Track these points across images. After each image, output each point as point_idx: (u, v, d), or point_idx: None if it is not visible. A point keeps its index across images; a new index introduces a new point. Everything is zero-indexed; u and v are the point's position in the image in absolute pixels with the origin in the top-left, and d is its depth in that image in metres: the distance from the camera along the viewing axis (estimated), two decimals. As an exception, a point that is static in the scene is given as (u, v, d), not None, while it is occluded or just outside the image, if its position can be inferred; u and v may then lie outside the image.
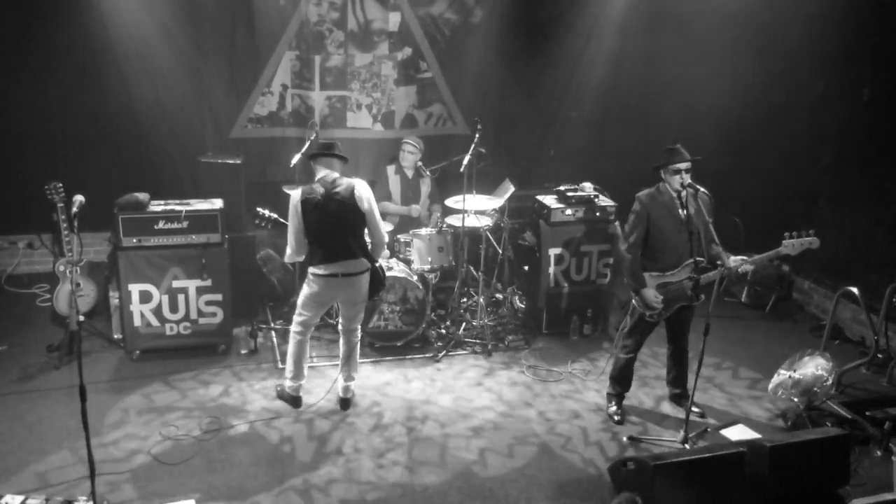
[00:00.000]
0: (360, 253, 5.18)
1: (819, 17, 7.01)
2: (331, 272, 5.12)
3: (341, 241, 5.11)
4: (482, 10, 7.85)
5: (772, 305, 7.52)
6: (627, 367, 5.50)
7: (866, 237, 6.83)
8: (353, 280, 5.18)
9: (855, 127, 6.95)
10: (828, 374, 5.43)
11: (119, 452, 4.86)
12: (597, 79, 8.16)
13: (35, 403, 5.37)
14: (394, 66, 7.77)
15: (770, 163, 7.87)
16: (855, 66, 6.87)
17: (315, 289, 5.20)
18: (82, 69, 6.88)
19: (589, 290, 6.77)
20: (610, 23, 8.01)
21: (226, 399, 5.54)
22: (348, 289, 5.21)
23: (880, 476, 4.85)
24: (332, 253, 5.10)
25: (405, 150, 7.00)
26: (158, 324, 5.98)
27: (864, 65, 6.79)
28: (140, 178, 6.61)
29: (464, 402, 5.67)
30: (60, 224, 5.82)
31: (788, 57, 7.44)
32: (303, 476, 4.72)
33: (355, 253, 5.16)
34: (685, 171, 5.03)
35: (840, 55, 6.96)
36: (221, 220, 5.98)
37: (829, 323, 6.23)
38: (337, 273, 5.12)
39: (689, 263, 5.04)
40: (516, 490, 4.68)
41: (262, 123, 7.62)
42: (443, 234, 6.55)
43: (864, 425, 5.23)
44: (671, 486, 4.16)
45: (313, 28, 7.45)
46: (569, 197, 6.66)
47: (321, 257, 5.11)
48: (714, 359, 6.42)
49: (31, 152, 6.94)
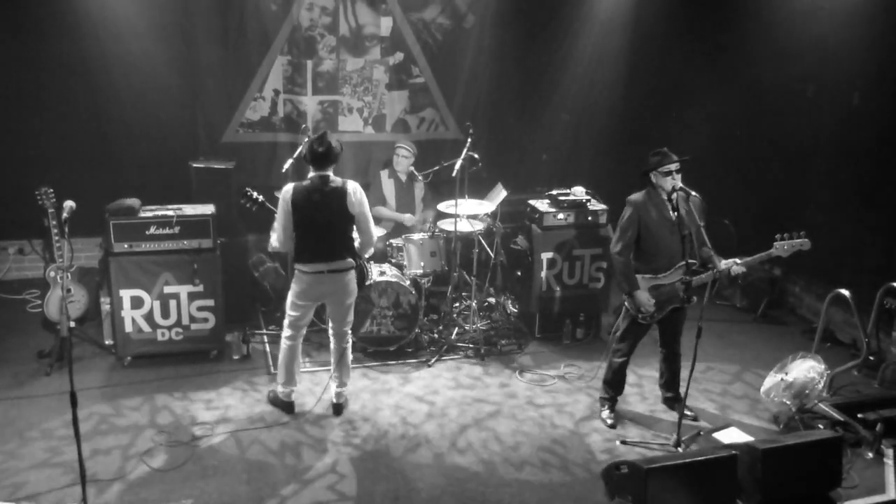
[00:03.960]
0: (346, 252, 5.19)
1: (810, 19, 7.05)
2: (316, 269, 5.12)
3: (328, 239, 5.11)
4: (474, 16, 7.87)
5: (763, 309, 7.55)
6: (620, 370, 5.50)
7: (857, 240, 6.86)
8: (338, 277, 5.18)
9: (845, 130, 6.98)
10: (819, 377, 5.44)
11: (111, 459, 4.84)
12: (588, 83, 8.21)
13: (26, 410, 5.34)
14: (385, 70, 7.78)
15: (761, 166, 7.91)
16: (845, 69, 6.90)
17: (302, 286, 5.19)
18: (73, 74, 6.86)
19: (581, 294, 6.78)
20: (600, 27, 8.04)
21: (218, 405, 5.52)
22: (334, 285, 5.20)
23: (872, 478, 4.86)
24: (319, 250, 5.10)
25: (399, 155, 7.01)
26: (150, 330, 5.96)
27: (854, 68, 6.82)
28: (131, 183, 6.58)
29: (456, 406, 5.66)
30: (51, 230, 5.79)
31: (779, 60, 7.47)
32: (295, 483, 4.70)
33: (341, 252, 5.16)
34: (676, 172, 5.06)
35: (830, 58, 6.99)
36: (213, 225, 5.97)
37: (821, 326, 6.24)
38: (322, 270, 5.12)
39: (682, 266, 5.05)
40: (509, 495, 4.67)
41: (253, 128, 7.61)
42: (435, 239, 6.55)
43: (856, 427, 5.25)
44: (664, 490, 4.16)
45: (305, 33, 7.46)
46: (561, 201, 6.67)
47: (308, 255, 5.11)
48: (706, 362, 6.44)
49: (21, 157, 6.90)
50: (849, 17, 6.77)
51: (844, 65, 6.88)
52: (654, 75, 8.08)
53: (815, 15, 7.04)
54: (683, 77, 7.92)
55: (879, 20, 6.54)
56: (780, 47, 7.40)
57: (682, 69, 7.89)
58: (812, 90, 7.31)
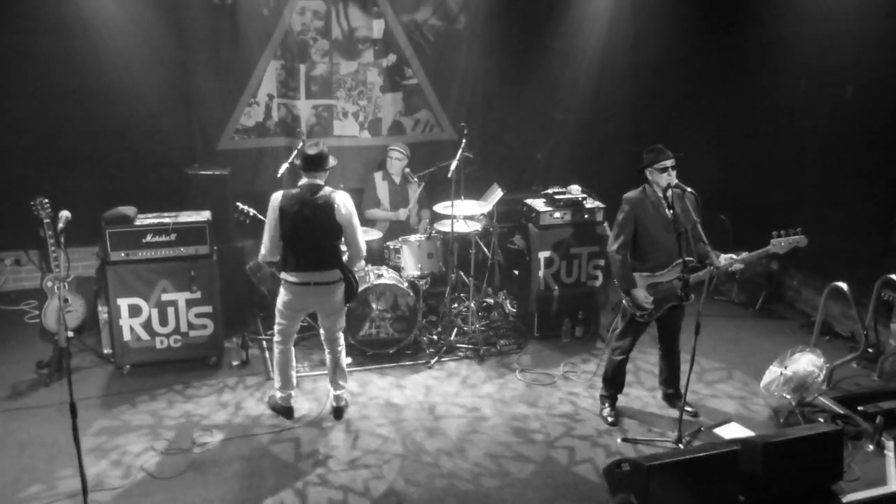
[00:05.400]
0: (333, 263, 5.14)
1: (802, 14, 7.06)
2: (302, 280, 5.09)
3: (314, 250, 5.07)
4: (466, 17, 7.87)
5: (761, 303, 7.56)
6: (620, 368, 5.50)
7: (854, 233, 6.87)
8: (325, 289, 5.15)
9: (839, 123, 6.99)
10: (819, 370, 5.44)
11: (111, 468, 4.83)
12: (582, 81, 8.21)
13: (25, 421, 5.33)
14: (379, 73, 7.77)
15: (757, 161, 7.92)
16: (838, 63, 6.91)
17: (288, 297, 5.18)
18: (67, 83, 6.86)
19: (579, 293, 6.78)
20: (594, 25, 8.05)
21: (218, 411, 5.51)
22: (321, 297, 5.18)
23: (873, 470, 4.87)
24: (304, 261, 5.07)
25: (392, 157, 7.01)
26: (148, 337, 5.95)
27: (847, 61, 6.83)
28: (127, 191, 6.55)
29: (457, 407, 5.66)
30: (47, 240, 5.78)
31: (771, 54, 7.48)
32: (296, 487, 4.69)
33: (328, 263, 5.12)
34: (671, 169, 5.06)
35: (823, 52, 7.00)
36: (210, 231, 5.96)
37: (819, 319, 6.25)
38: (309, 282, 5.09)
39: (679, 263, 5.05)
40: (511, 495, 4.67)
41: (248, 134, 7.60)
42: (432, 240, 6.55)
43: (856, 420, 5.26)
44: (666, 487, 4.16)
45: (297, 37, 7.45)
46: (557, 200, 6.67)
47: (293, 264, 5.08)
48: (705, 358, 6.44)
49: (16, 168, 6.90)
50: (841, 10, 6.78)
51: (837, 58, 6.89)
52: (648, 73, 8.08)
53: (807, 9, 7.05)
54: (679, 75, 7.93)
55: (872, 13, 6.55)
56: (773, 42, 7.42)
57: (677, 67, 7.90)
58: (805, 83, 7.32)
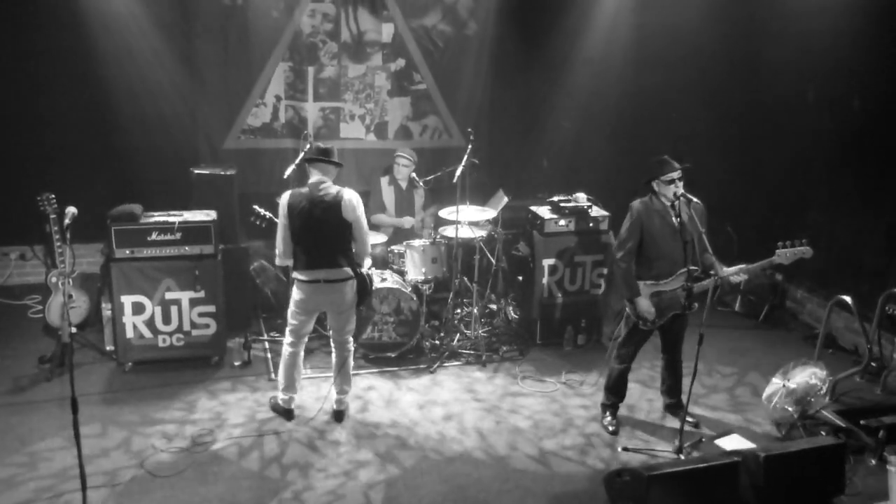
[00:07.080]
0: (343, 261, 5.16)
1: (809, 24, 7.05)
2: (313, 278, 5.12)
3: (323, 247, 5.10)
4: (476, 23, 7.89)
5: (765, 314, 7.54)
6: (622, 377, 5.49)
7: (859, 246, 6.85)
8: (336, 287, 5.16)
9: (846, 135, 6.98)
10: (822, 383, 5.42)
11: (111, 465, 4.82)
12: (589, 89, 8.20)
13: (26, 416, 5.33)
14: (387, 77, 7.79)
15: (763, 172, 7.91)
16: (845, 74, 6.90)
17: (301, 295, 5.20)
18: (75, 80, 6.89)
19: (583, 301, 6.77)
20: (601, 33, 8.05)
21: (219, 411, 5.51)
22: (332, 295, 5.19)
23: (875, 485, 4.84)
24: (315, 259, 5.10)
25: (399, 164, 7.01)
26: (151, 335, 5.96)
27: (855, 72, 6.82)
28: (133, 189, 6.59)
29: (458, 413, 5.65)
30: (53, 235, 5.80)
31: (779, 65, 7.48)
32: (295, 489, 4.69)
33: (338, 261, 5.14)
34: (678, 180, 5.06)
35: (830, 63, 6.99)
36: (215, 231, 5.97)
37: (823, 332, 6.22)
38: (319, 279, 5.12)
39: (683, 272, 5.05)
40: (511, 501, 4.66)
41: (255, 135, 7.63)
42: (437, 245, 6.55)
43: (858, 434, 5.23)
44: (666, 497, 4.15)
45: (307, 39, 7.48)
46: (562, 207, 6.67)
47: (304, 262, 5.11)
48: (708, 368, 6.42)
49: (23, 163, 6.91)
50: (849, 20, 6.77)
51: (844, 69, 6.88)
52: (656, 81, 8.08)
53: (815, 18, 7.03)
54: (686, 83, 7.92)
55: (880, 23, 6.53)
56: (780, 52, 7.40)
57: (684, 76, 7.89)
58: (813, 95, 7.31)
